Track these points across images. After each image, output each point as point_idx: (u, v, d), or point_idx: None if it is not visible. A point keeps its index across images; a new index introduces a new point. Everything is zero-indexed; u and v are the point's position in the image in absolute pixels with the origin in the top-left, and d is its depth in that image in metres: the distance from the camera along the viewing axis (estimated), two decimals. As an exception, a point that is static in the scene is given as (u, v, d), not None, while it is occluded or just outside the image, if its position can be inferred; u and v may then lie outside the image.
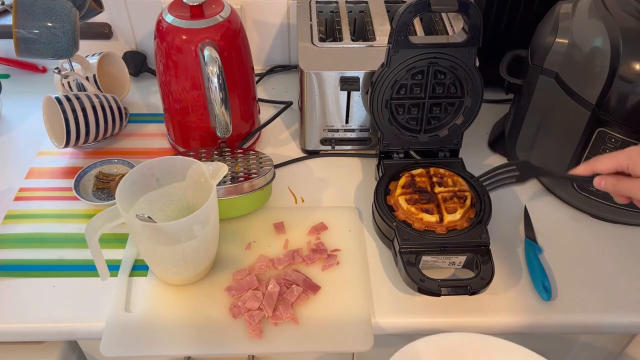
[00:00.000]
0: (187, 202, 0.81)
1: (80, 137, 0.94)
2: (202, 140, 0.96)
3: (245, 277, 0.79)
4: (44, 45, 0.89)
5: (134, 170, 0.75)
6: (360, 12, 1.05)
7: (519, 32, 1.02)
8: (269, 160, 0.90)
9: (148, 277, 0.81)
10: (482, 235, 0.79)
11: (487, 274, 0.76)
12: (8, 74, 1.19)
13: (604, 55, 0.75)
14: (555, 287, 0.80)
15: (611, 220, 0.89)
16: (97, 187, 0.93)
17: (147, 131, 1.06)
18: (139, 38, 1.18)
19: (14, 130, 1.06)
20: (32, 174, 0.96)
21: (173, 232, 0.71)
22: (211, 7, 0.87)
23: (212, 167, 0.75)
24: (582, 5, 0.83)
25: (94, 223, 0.70)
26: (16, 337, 0.77)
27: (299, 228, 0.87)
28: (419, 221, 0.80)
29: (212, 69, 0.81)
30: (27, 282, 0.80)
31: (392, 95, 0.87)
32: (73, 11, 0.90)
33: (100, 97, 0.97)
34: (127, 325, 0.75)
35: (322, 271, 0.81)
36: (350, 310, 0.77)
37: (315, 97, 0.92)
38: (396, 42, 0.81)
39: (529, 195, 0.94)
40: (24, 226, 0.87)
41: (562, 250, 0.85)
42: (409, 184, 0.84)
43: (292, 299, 0.76)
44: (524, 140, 0.93)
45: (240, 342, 0.74)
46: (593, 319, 0.77)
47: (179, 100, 0.92)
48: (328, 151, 1.01)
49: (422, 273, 0.76)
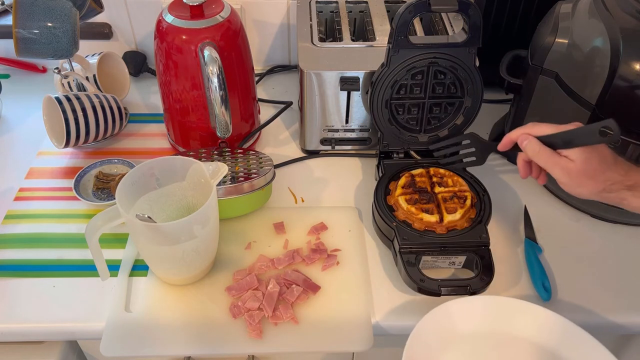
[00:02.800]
0: (187, 202, 0.81)
1: (80, 137, 0.94)
2: (202, 140, 0.96)
3: (245, 277, 0.79)
4: (44, 45, 0.89)
5: (134, 170, 0.75)
6: (360, 12, 1.05)
7: (519, 32, 1.02)
8: (269, 160, 0.90)
9: (148, 277, 0.81)
10: (482, 235, 0.79)
11: (487, 274, 0.76)
12: (8, 74, 1.19)
13: (604, 55, 0.75)
14: (555, 287, 0.80)
15: (611, 220, 0.89)
16: (97, 187, 0.93)
17: (147, 131, 1.06)
18: (139, 38, 1.18)
19: (14, 130, 1.06)
20: (32, 174, 0.96)
21: (173, 232, 0.71)
22: (211, 7, 0.87)
23: (212, 167, 0.75)
24: (582, 5, 0.83)
25: (94, 223, 0.70)
26: (16, 337, 0.77)
27: (299, 228, 0.87)
28: (419, 221, 0.80)
29: (212, 69, 0.81)
30: (27, 282, 0.80)
31: (392, 95, 0.87)
32: (73, 11, 0.90)
33: (100, 97, 0.97)
34: (127, 325, 0.75)
35: (322, 271, 0.81)
36: (350, 310, 0.77)
37: (315, 97, 0.92)
38: (396, 42, 0.81)
39: (529, 195, 0.94)
40: (24, 226, 0.87)
41: (562, 250, 0.85)
42: (409, 184, 0.84)
43: (292, 299, 0.76)
44: (524, 140, 0.93)
45: (240, 342, 0.74)
46: (593, 319, 0.77)
47: (179, 100, 0.92)
48: (328, 151, 1.01)
49: (422, 273, 0.76)
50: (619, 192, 0.66)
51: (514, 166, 0.98)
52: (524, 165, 0.72)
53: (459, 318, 0.71)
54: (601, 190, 0.66)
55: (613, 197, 0.66)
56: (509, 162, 0.99)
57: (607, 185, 0.66)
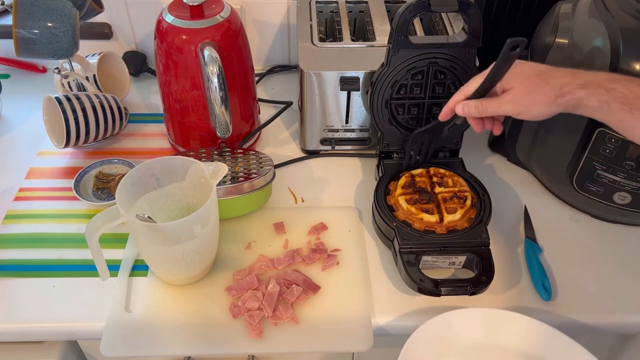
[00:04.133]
0: (187, 202, 0.81)
1: (80, 137, 0.94)
2: (202, 140, 0.96)
3: (245, 277, 0.79)
4: (44, 45, 0.89)
5: (134, 170, 0.75)
6: (360, 12, 1.05)
7: (519, 32, 1.02)
8: (269, 160, 0.90)
9: (148, 277, 0.81)
10: (482, 235, 0.79)
11: (487, 274, 0.76)
12: (8, 74, 1.19)
13: (604, 55, 0.75)
14: (555, 287, 0.80)
15: (611, 220, 0.89)
16: (97, 187, 0.93)
17: (147, 131, 1.06)
18: (139, 38, 1.18)
19: (14, 130, 1.06)
20: (32, 174, 0.96)
21: (173, 232, 0.71)
22: (211, 7, 0.87)
23: (212, 167, 0.75)
24: (582, 5, 0.83)
25: (94, 223, 0.70)
26: (16, 337, 0.77)
27: (299, 228, 0.87)
28: (419, 221, 0.80)
29: (212, 69, 0.81)
30: (27, 282, 0.80)
31: (392, 95, 0.87)
32: (73, 11, 0.90)
33: (100, 97, 0.97)
34: (127, 325, 0.75)
35: (322, 271, 0.81)
36: (350, 310, 0.77)
37: (315, 97, 0.92)
38: (396, 42, 0.81)
39: (529, 195, 0.94)
40: (24, 226, 0.87)
41: (562, 250, 0.85)
42: (409, 184, 0.84)
43: (292, 299, 0.76)
44: (524, 140, 0.93)
45: (240, 342, 0.74)
46: (593, 319, 0.77)
47: (179, 100, 0.92)
48: (328, 151, 1.01)
49: (422, 273, 0.76)
50: (572, 93, 0.65)
51: (514, 166, 0.98)
52: (475, 122, 0.74)
53: (451, 331, 0.70)
54: (555, 97, 0.65)
55: (569, 101, 0.65)
56: (509, 162, 0.99)
57: (557, 90, 0.65)
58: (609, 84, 0.63)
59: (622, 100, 0.62)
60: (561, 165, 0.86)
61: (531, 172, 0.96)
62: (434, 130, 0.85)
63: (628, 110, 0.62)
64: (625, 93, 0.62)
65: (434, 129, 0.85)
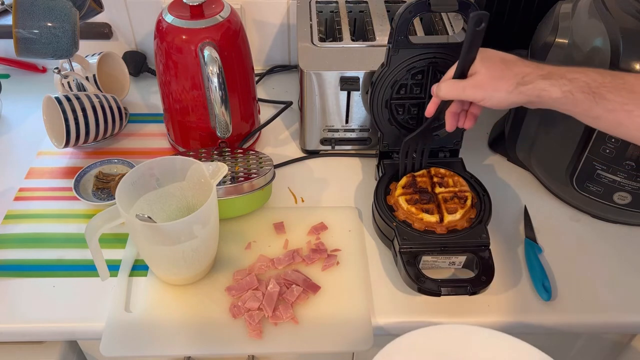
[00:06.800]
0: (187, 202, 0.81)
1: (80, 137, 0.94)
2: (202, 140, 0.96)
3: (245, 277, 0.79)
4: (44, 45, 0.89)
5: (134, 170, 0.75)
6: (360, 12, 1.05)
7: (519, 32, 1.02)
8: (269, 160, 0.90)
9: (148, 277, 0.81)
10: (482, 235, 0.79)
11: (487, 274, 0.76)
12: (8, 74, 1.19)
13: (604, 55, 0.75)
14: (555, 287, 0.80)
15: (611, 220, 0.89)
16: (97, 187, 0.93)
17: (147, 131, 1.06)
18: (139, 38, 1.18)
19: (14, 130, 1.06)
20: (32, 174, 0.96)
21: (173, 232, 0.71)
22: (211, 7, 0.87)
23: (212, 167, 0.75)
24: (582, 5, 0.83)
25: (94, 223, 0.70)
26: (16, 337, 0.77)
27: (299, 228, 0.87)
28: (419, 221, 0.80)
29: (212, 69, 0.82)
30: (27, 282, 0.80)
31: (392, 95, 0.87)
32: (73, 11, 0.90)
33: (100, 97, 0.97)
34: (127, 325, 0.75)
35: (322, 271, 0.81)
36: (350, 310, 0.77)
37: (315, 97, 0.92)
38: (396, 42, 0.81)
39: (529, 195, 0.94)
40: (24, 226, 0.87)
41: (562, 250, 0.85)
42: (410, 184, 0.84)
43: (292, 299, 0.76)
44: (524, 140, 0.93)
45: (240, 342, 0.74)
46: (593, 319, 0.77)
47: (179, 100, 0.92)
48: (328, 151, 1.01)
49: (422, 273, 0.76)
50: (534, 82, 0.65)
51: (514, 166, 0.98)
52: (449, 116, 0.76)
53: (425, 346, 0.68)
54: (516, 85, 0.66)
55: (531, 90, 0.65)
56: (509, 162, 0.99)
57: (520, 78, 0.66)
58: (570, 75, 0.63)
59: (585, 90, 0.62)
60: (561, 165, 0.86)
61: (531, 172, 0.96)
62: (423, 135, 0.84)
63: (592, 100, 0.61)
64: (587, 82, 0.62)
65: (423, 134, 0.84)
